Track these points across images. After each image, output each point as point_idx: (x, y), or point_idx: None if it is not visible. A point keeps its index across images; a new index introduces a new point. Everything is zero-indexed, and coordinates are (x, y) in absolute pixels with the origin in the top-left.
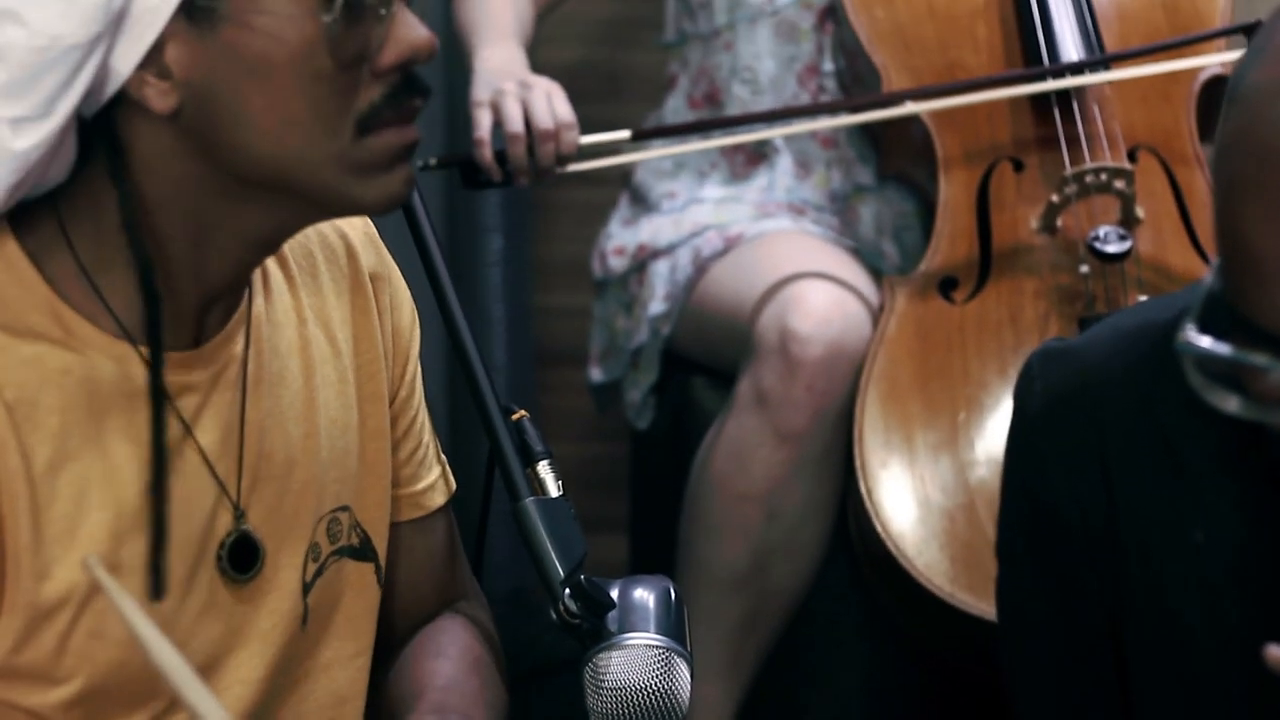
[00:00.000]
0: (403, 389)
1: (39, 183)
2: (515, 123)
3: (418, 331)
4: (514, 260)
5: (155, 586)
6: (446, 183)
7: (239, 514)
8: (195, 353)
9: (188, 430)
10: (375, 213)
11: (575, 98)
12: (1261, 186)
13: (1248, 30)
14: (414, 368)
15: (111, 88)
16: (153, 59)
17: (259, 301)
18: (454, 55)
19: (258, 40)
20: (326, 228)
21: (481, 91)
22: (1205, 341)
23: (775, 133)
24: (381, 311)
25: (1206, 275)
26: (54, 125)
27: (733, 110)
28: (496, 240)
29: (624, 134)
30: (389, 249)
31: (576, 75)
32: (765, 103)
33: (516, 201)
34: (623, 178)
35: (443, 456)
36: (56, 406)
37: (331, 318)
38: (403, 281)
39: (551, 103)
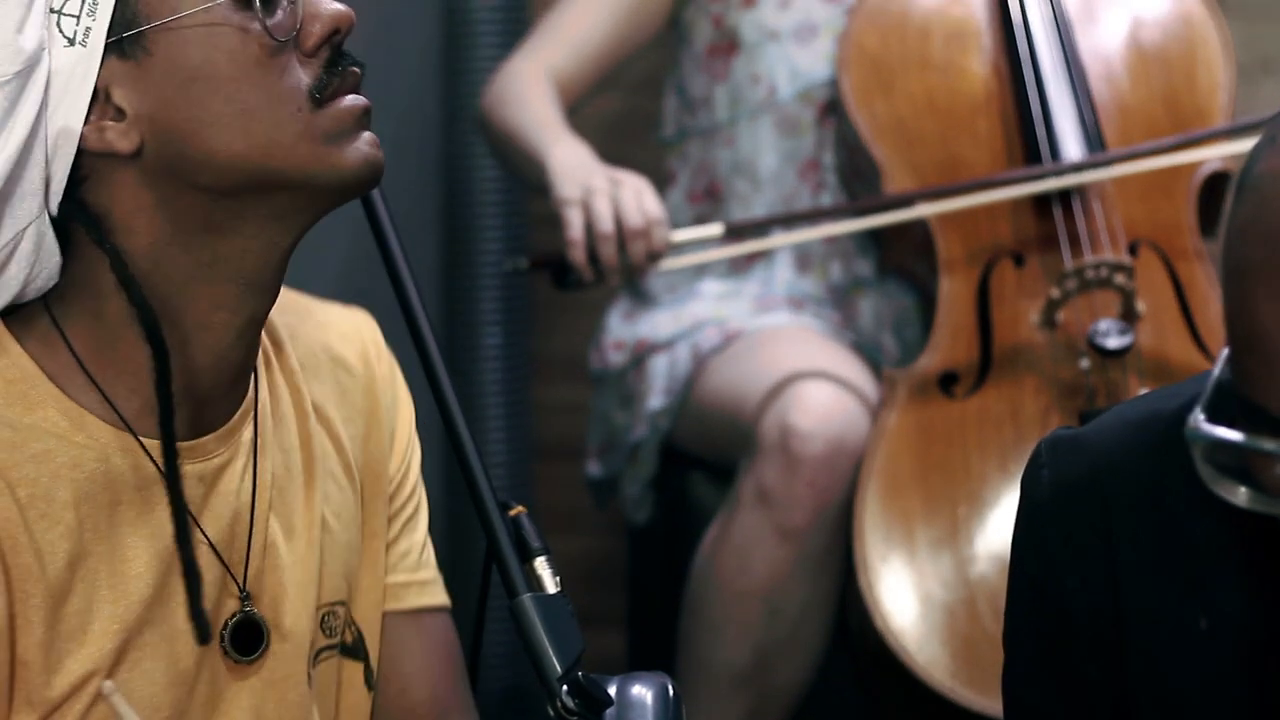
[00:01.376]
0: (404, 488)
1: (28, 287)
2: (605, 222)
3: (416, 441)
4: (512, 354)
5: (200, 632)
6: (443, 277)
7: (244, 596)
8: (199, 442)
9: (193, 519)
10: (357, 178)
11: None
12: (1271, 272)
13: (1249, 130)
14: (415, 469)
15: (70, 149)
16: (104, 106)
17: (264, 396)
18: (455, 132)
19: (190, 49)
20: (332, 333)
21: (571, 190)
22: (1214, 429)
23: (863, 225)
24: (384, 413)
25: (1216, 364)
26: (1, 168)
27: (734, 205)
28: (494, 334)
29: (716, 229)
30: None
31: None
32: (765, 197)
33: (514, 295)
34: None
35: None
36: (71, 501)
37: (334, 416)
38: (405, 386)
39: (641, 199)
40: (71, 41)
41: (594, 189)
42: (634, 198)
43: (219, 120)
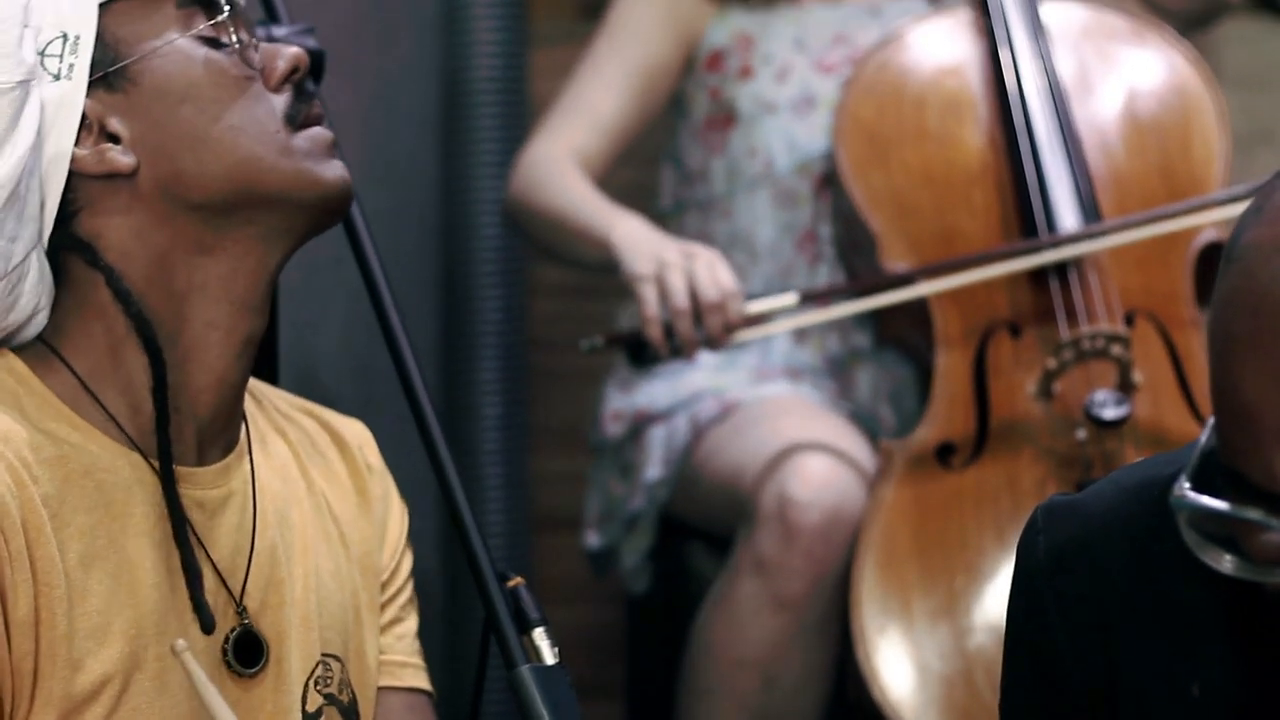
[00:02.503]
0: (396, 580)
1: (32, 320)
2: (680, 297)
3: (409, 548)
4: (510, 424)
5: (204, 621)
6: (441, 347)
7: (241, 610)
8: (200, 472)
9: (199, 542)
10: (334, 194)
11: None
12: (1257, 343)
13: (1243, 199)
14: (407, 569)
15: (61, 175)
16: (99, 136)
17: (258, 451)
18: (454, 202)
19: (173, 75)
20: (328, 429)
21: (644, 265)
22: (1199, 498)
23: (933, 288)
24: (376, 503)
25: (1203, 432)
26: (7, 172)
27: None
28: (493, 404)
29: (790, 298)
30: (386, 418)
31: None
32: (763, 269)
33: (513, 365)
34: None
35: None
36: (82, 506)
37: (329, 491)
38: (398, 494)
39: (715, 273)
40: (57, 77)
41: (668, 263)
42: (708, 271)
43: (208, 138)
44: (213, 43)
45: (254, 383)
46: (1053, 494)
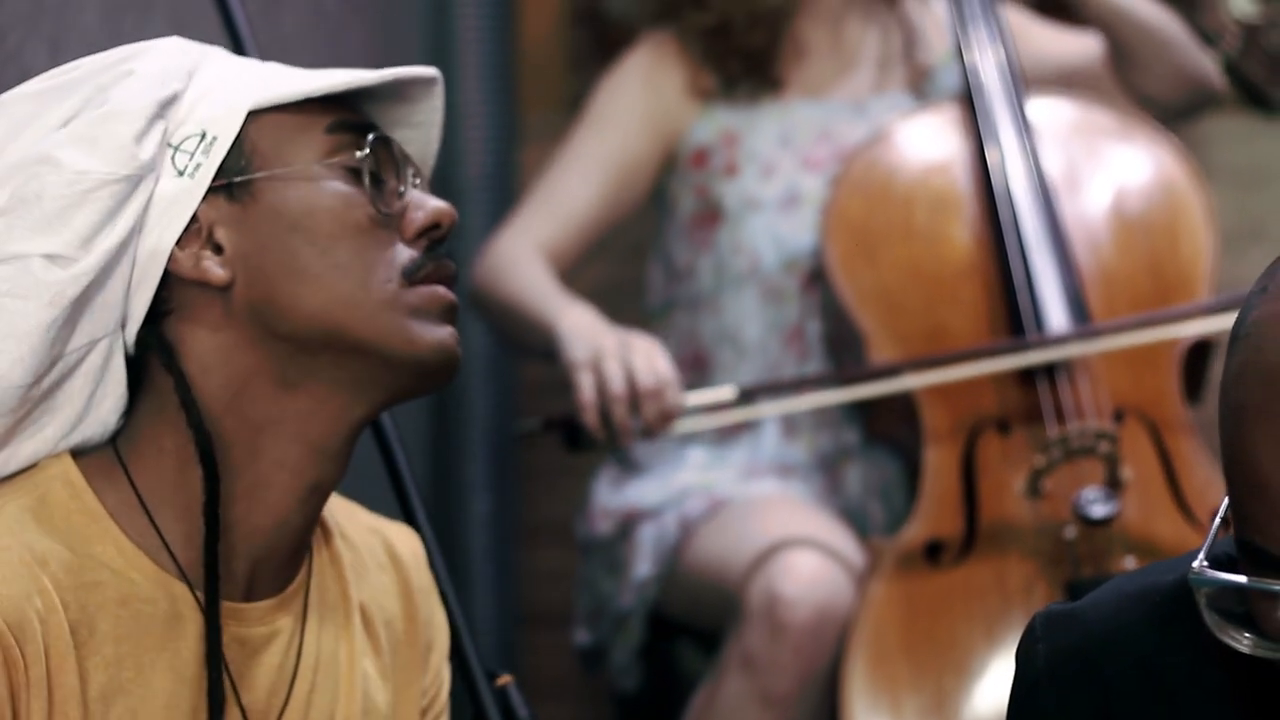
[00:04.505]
0: (434, 706)
1: (90, 413)
2: (617, 383)
3: (448, 668)
4: (500, 521)
5: None
6: (431, 443)
7: None
8: (249, 607)
9: (232, 685)
10: (434, 361)
11: None
12: (1270, 413)
13: (1231, 307)
14: (444, 694)
15: (157, 271)
16: (204, 240)
17: (316, 578)
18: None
19: (294, 201)
20: (378, 539)
21: (582, 352)
22: (1218, 574)
23: (872, 392)
24: (422, 625)
25: (1218, 511)
26: (91, 263)
27: (719, 374)
28: (483, 501)
29: (729, 392)
30: (376, 513)
31: None
32: (751, 366)
33: (503, 462)
34: None
35: None
36: (112, 636)
37: (376, 617)
38: (442, 608)
39: (653, 361)
40: (181, 173)
41: (605, 351)
42: (645, 360)
43: (309, 271)
44: (353, 175)
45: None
46: (1042, 596)
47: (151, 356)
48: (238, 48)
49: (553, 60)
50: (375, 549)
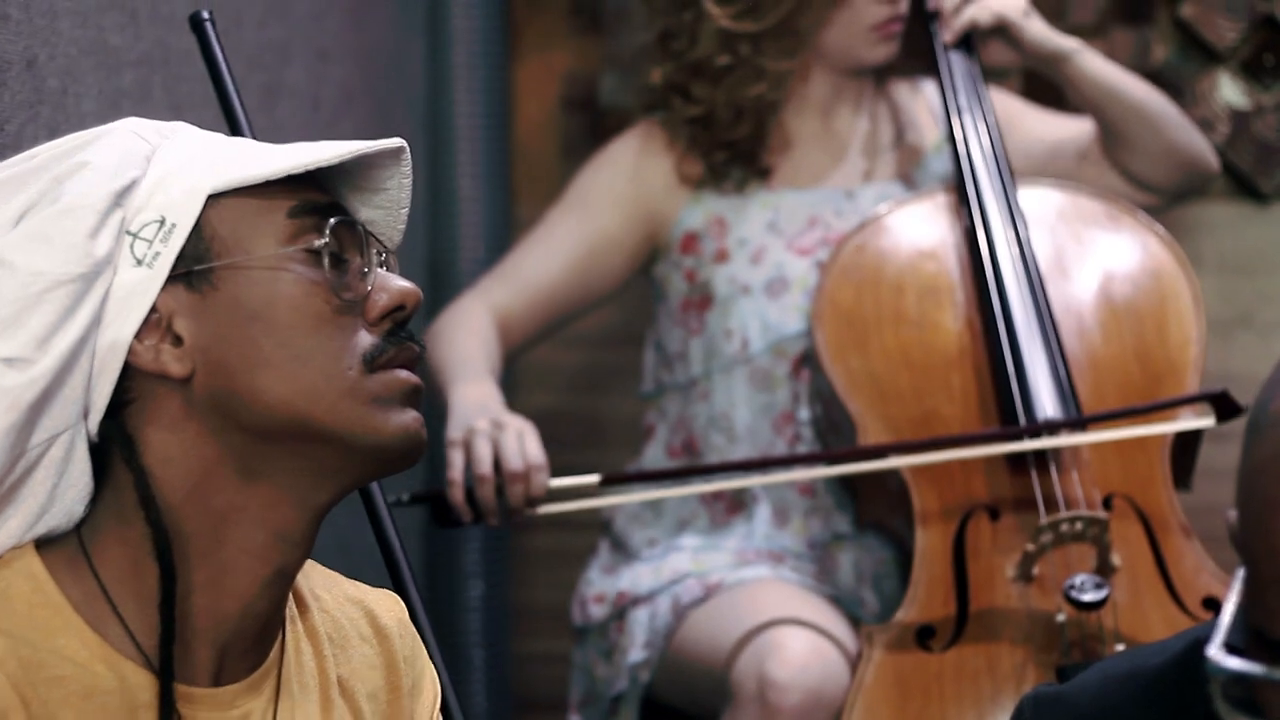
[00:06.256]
0: None
1: (54, 503)
2: (484, 464)
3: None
4: (493, 605)
5: None
6: (425, 526)
7: None
8: (219, 692)
9: None
10: (396, 447)
11: (556, 445)
12: None
13: (1213, 400)
14: None
15: (116, 364)
16: (163, 331)
17: (290, 656)
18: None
19: (254, 290)
20: (360, 611)
21: (455, 430)
22: (1235, 662)
23: (749, 481)
24: (406, 695)
25: (1229, 598)
26: (48, 365)
27: (711, 458)
28: (476, 585)
29: (593, 478)
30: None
31: (558, 422)
32: (741, 451)
33: (496, 547)
34: (603, 525)
35: None
36: None
37: (358, 690)
38: (430, 668)
39: (523, 443)
40: (139, 262)
41: (476, 431)
42: (515, 441)
43: (270, 362)
44: (316, 259)
45: (306, 569)
46: (1033, 680)
47: (114, 446)
48: (236, 136)
49: (546, 148)
50: (357, 620)
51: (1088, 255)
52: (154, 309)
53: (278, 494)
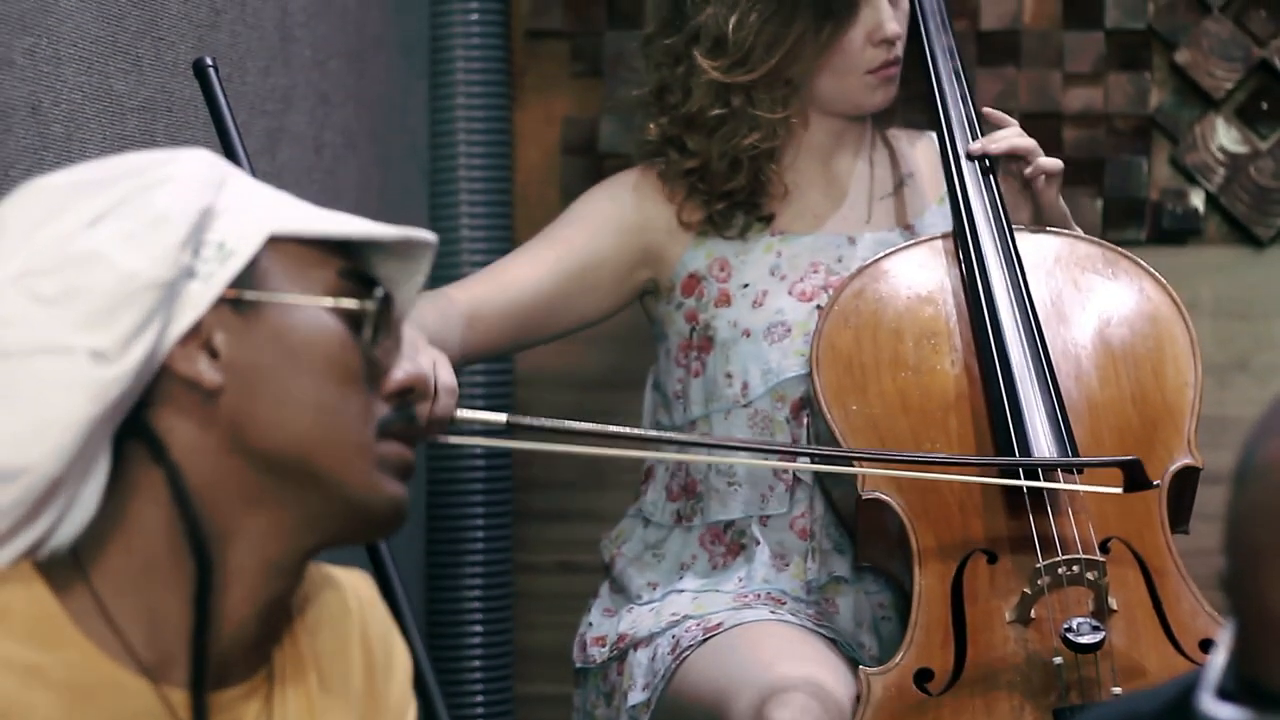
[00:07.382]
0: None
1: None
2: None
3: (413, 699)
4: (493, 648)
5: None
6: (426, 570)
7: None
8: (209, 697)
9: None
10: (386, 513)
11: (556, 485)
12: None
13: (1125, 467)
14: (411, 716)
15: (155, 361)
16: (202, 342)
17: (277, 662)
18: None
19: (299, 332)
20: (333, 594)
21: None
22: (1227, 710)
23: (658, 455)
24: (380, 670)
25: (1219, 647)
26: (128, 366)
27: (711, 502)
28: (476, 628)
29: (500, 417)
30: None
31: (557, 463)
32: (741, 494)
33: (496, 589)
34: (604, 568)
35: None
36: None
37: (333, 671)
38: (400, 642)
39: (436, 368)
40: (194, 276)
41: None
42: (428, 364)
43: (296, 402)
44: (354, 323)
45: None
46: None
47: (130, 447)
48: None
49: (547, 193)
50: (329, 603)
51: (1085, 300)
52: (199, 323)
53: (270, 528)
